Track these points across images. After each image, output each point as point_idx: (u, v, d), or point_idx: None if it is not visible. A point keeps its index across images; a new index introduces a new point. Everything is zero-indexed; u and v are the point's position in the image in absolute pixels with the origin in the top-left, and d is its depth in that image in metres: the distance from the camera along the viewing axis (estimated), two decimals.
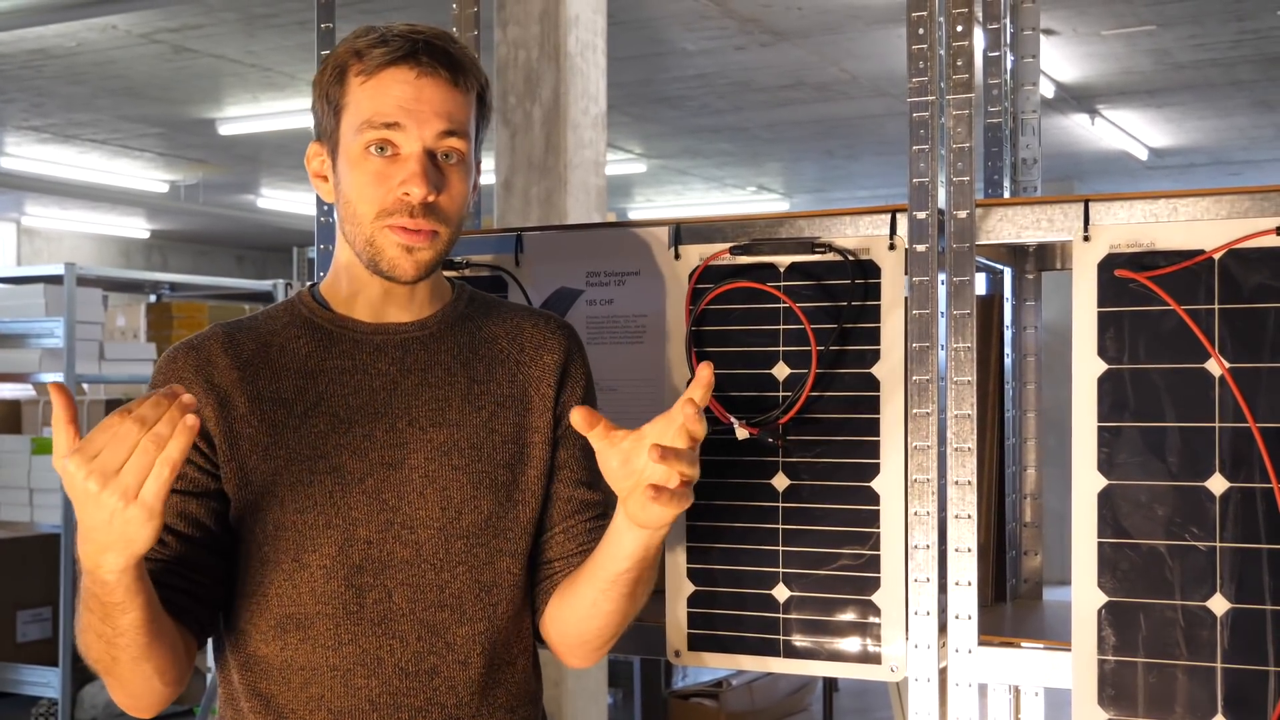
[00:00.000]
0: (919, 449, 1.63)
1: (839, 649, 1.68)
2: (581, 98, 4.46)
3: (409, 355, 1.48)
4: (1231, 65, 7.59)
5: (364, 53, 1.42)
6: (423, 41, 1.42)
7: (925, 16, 1.64)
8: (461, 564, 1.44)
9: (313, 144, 1.50)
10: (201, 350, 1.45)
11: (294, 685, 1.41)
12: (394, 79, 1.41)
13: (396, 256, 1.42)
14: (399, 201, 1.41)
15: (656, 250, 1.81)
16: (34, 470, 5.36)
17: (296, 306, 1.51)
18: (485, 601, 1.45)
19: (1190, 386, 1.52)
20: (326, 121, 1.46)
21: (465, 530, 1.44)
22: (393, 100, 1.40)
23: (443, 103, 1.41)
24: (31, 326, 5.41)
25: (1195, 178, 11.29)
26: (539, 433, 1.51)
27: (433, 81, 1.41)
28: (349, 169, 1.43)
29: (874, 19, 6.60)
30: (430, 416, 1.46)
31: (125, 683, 1.33)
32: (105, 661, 1.32)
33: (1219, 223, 1.52)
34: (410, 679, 1.41)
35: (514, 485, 1.48)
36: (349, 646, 1.40)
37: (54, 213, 12.95)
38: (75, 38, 6.88)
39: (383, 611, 1.41)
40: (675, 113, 8.77)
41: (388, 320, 1.49)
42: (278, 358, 1.46)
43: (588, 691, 4.44)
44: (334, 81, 1.44)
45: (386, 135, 1.40)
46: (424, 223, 1.41)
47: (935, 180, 1.64)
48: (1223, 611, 1.50)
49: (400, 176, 1.40)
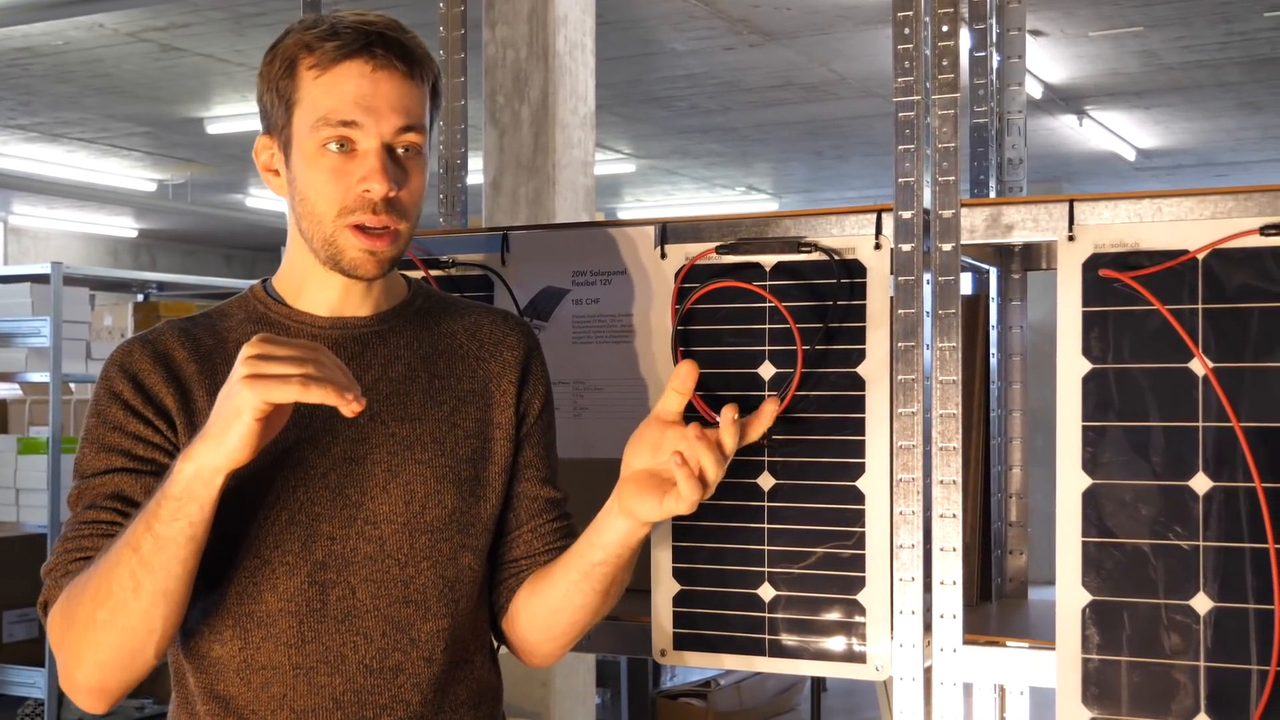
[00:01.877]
0: (904, 448, 1.63)
1: (824, 648, 1.68)
2: (570, 97, 4.46)
3: (368, 350, 1.46)
4: (1219, 67, 7.62)
5: (315, 45, 1.39)
6: (376, 34, 1.38)
7: (911, 17, 1.64)
8: (426, 559, 1.43)
9: (261, 137, 1.47)
10: (158, 343, 1.43)
11: (254, 685, 1.39)
12: (349, 73, 1.38)
13: (358, 258, 1.40)
14: (359, 198, 1.38)
15: (642, 250, 1.81)
16: (20, 470, 5.33)
17: (250, 302, 1.49)
18: (449, 597, 1.44)
19: (1174, 386, 1.53)
20: (277, 115, 1.43)
21: (429, 525, 1.43)
22: (349, 96, 1.37)
23: (400, 97, 1.39)
24: (18, 326, 5.39)
25: (1182, 179, 11.33)
26: (500, 429, 1.51)
27: (389, 75, 1.38)
28: (305, 166, 1.40)
29: (862, 20, 6.61)
30: (392, 411, 1.44)
31: (128, 623, 1.28)
32: (119, 595, 1.26)
33: (1203, 223, 1.53)
34: (374, 676, 1.40)
35: (476, 481, 1.47)
36: (312, 644, 1.38)
37: (41, 212, 12.91)
38: (62, 36, 6.86)
39: (346, 608, 1.39)
40: (664, 113, 8.78)
41: (344, 314, 1.47)
42: (234, 352, 1.42)
43: (575, 692, 4.43)
44: (284, 74, 1.41)
45: (344, 133, 1.37)
46: (386, 219, 1.39)
47: (921, 180, 1.64)
48: (1206, 610, 1.51)
49: (360, 173, 1.38)
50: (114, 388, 1.41)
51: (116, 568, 1.27)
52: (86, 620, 1.29)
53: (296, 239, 1.46)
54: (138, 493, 1.37)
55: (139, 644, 1.30)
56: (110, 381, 1.41)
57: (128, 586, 1.27)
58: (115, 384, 1.41)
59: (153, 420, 1.39)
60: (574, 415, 1.87)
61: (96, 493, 1.38)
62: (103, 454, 1.39)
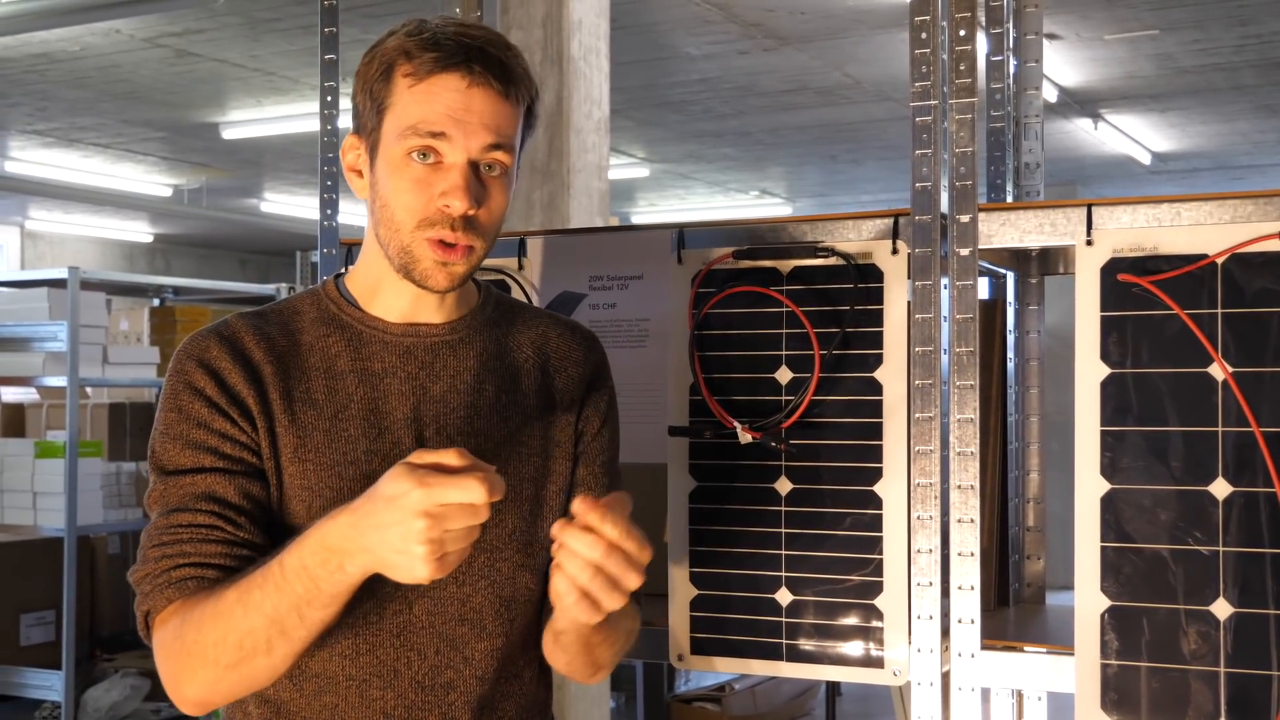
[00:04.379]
0: (922, 453, 1.63)
1: (842, 653, 1.68)
2: (584, 102, 4.46)
3: (437, 360, 1.45)
4: (1235, 70, 7.58)
5: (414, 54, 1.36)
6: (477, 48, 1.36)
7: (928, 21, 1.64)
8: (484, 579, 1.42)
9: (350, 136, 1.45)
10: (235, 341, 1.40)
11: (307, 693, 1.39)
12: (444, 86, 1.35)
13: (430, 269, 1.38)
14: (439, 212, 1.36)
15: (659, 254, 1.81)
16: (37, 474, 5.35)
17: (322, 300, 1.47)
18: (504, 617, 1.43)
19: (1193, 391, 1.52)
20: (368, 118, 1.41)
21: (489, 545, 1.41)
22: (441, 108, 1.35)
23: (492, 115, 1.36)
24: (35, 330, 5.41)
25: (1199, 182, 11.27)
26: (561, 447, 1.49)
27: (484, 92, 1.36)
28: (389, 172, 1.38)
29: (877, 24, 6.60)
30: (458, 425, 1.43)
31: (254, 672, 1.28)
32: (249, 650, 1.26)
33: (1222, 227, 1.52)
34: (426, 692, 1.40)
35: (536, 500, 1.46)
36: (366, 657, 1.38)
37: (57, 217, 12.95)
38: (79, 42, 6.89)
39: (402, 623, 1.39)
40: (678, 117, 8.77)
41: (417, 321, 1.45)
42: (307, 356, 1.42)
43: (590, 696, 4.43)
44: (380, 78, 1.39)
45: (432, 144, 1.35)
46: (463, 236, 1.37)
47: (938, 184, 1.64)
48: (1226, 616, 1.50)
49: (442, 187, 1.36)
50: (195, 383, 1.37)
51: (251, 633, 1.26)
52: (206, 658, 1.28)
53: (373, 243, 1.44)
54: (231, 494, 1.35)
55: (261, 681, 1.31)
56: (189, 376, 1.38)
57: (260, 649, 1.26)
58: (195, 379, 1.37)
59: (238, 420, 1.37)
60: None
61: (186, 493, 1.35)
62: (189, 451, 1.36)
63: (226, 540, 1.33)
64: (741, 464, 1.73)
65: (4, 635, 5.64)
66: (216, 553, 1.33)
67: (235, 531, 1.34)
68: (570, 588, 1.21)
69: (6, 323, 5.48)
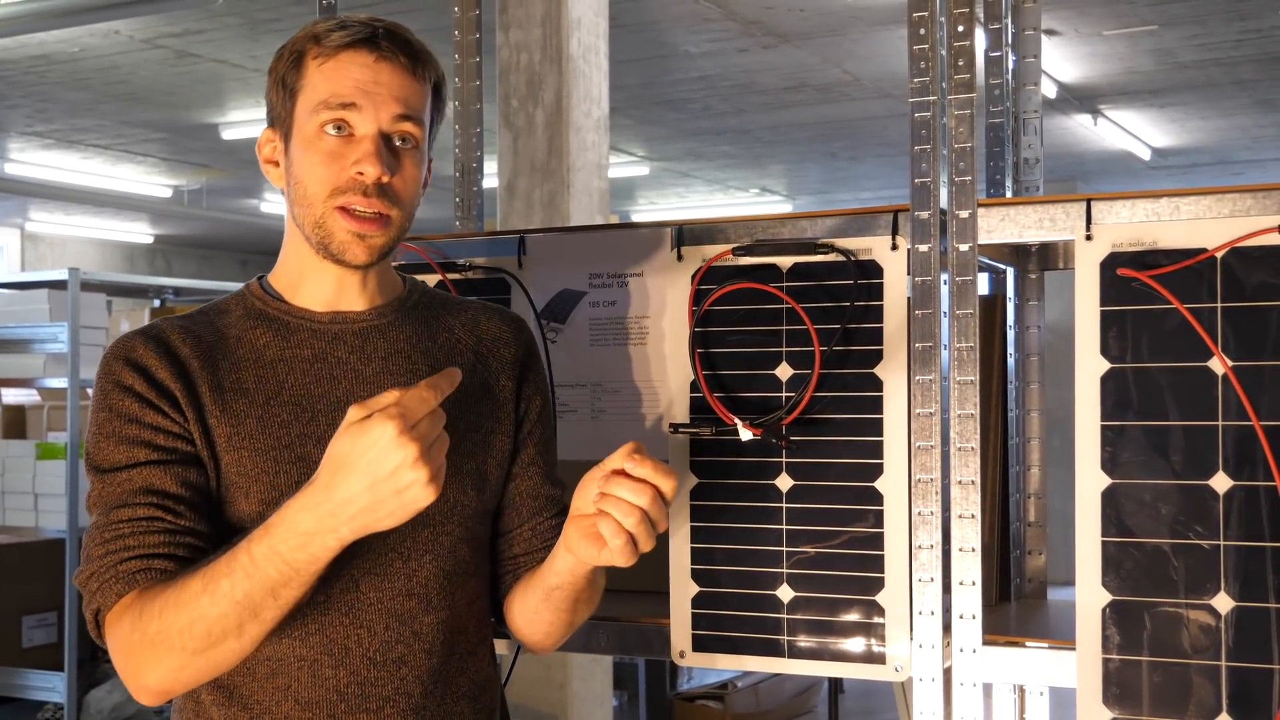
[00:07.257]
0: (922, 449, 1.63)
1: (843, 649, 1.68)
2: (584, 100, 4.46)
3: (368, 343, 1.47)
4: (1234, 65, 7.58)
5: (322, 37, 1.42)
6: (383, 29, 1.43)
7: (926, 17, 1.64)
8: (428, 552, 1.44)
9: (265, 130, 1.49)
10: (159, 338, 1.43)
11: (259, 675, 1.40)
12: (352, 61, 1.41)
13: (347, 241, 1.41)
14: (352, 180, 1.40)
15: (659, 252, 1.81)
16: (39, 475, 5.36)
17: (247, 298, 1.50)
18: (447, 590, 1.46)
19: (1193, 385, 1.52)
20: (280, 106, 1.45)
21: (430, 518, 1.43)
22: (350, 81, 1.40)
23: (400, 87, 1.42)
24: (35, 331, 5.41)
25: (1198, 177, 11.28)
26: (500, 423, 1.53)
27: (391, 66, 1.42)
28: (302, 150, 1.42)
29: (876, 20, 6.60)
30: None
31: (222, 656, 1.29)
32: (217, 635, 1.27)
33: (1221, 221, 1.52)
34: (378, 668, 1.41)
35: (477, 474, 1.49)
36: (316, 637, 1.40)
37: (58, 218, 12.96)
38: (78, 43, 6.89)
39: (350, 601, 1.40)
40: (678, 115, 8.78)
41: (341, 309, 1.48)
42: (235, 348, 1.44)
43: (593, 694, 4.44)
44: (291, 67, 1.44)
45: (342, 115, 1.40)
46: (376, 203, 1.40)
47: (937, 180, 1.64)
48: (1227, 610, 1.50)
49: (354, 156, 1.40)
50: (123, 380, 1.39)
51: (221, 619, 1.27)
52: (172, 645, 1.29)
53: (293, 232, 1.47)
54: (169, 484, 1.36)
55: (229, 664, 1.32)
56: (117, 375, 1.40)
57: (231, 632, 1.28)
58: (124, 377, 1.39)
59: (169, 412, 1.39)
60: (591, 417, 1.87)
61: (124, 489, 1.36)
62: (123, 447, 1.38)
63: (168, 530, 1.34)
64: (742, 461, 1.73)
65: (6, 637, 5.64)
66: (160, 543, 1.34)
67: (176, 520, 1.35)
68: (617, 530, 1.29)
69: (7, 324, 5.48)
